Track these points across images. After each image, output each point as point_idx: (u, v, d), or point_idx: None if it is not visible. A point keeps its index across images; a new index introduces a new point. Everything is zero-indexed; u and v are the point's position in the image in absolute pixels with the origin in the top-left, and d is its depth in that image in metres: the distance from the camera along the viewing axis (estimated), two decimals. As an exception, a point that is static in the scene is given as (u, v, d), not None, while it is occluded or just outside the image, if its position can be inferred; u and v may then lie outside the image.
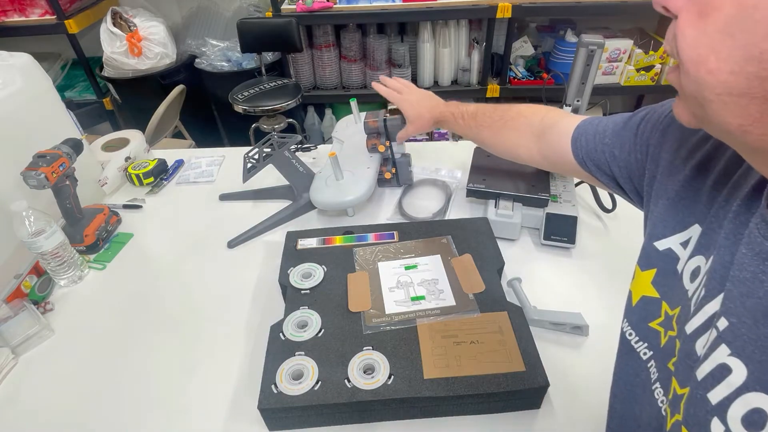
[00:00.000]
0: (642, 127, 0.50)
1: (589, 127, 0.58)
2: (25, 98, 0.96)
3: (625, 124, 0.53)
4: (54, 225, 0.88)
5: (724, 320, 0.33)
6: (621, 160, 0.52)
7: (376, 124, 1.03)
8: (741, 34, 0.27)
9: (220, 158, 1.31)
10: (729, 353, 0.32)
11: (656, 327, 0.42)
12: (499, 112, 0.76)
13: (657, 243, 0.43)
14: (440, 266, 0.82)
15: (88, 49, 2.50)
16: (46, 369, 0.79)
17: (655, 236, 0.43)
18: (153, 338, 0.83)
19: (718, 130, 0.32)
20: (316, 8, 2.25)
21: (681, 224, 0.42)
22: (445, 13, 2.28)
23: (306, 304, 0.76)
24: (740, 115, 0.29)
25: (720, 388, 0.32)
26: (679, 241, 0.42)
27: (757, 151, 0.31)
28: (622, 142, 0.52)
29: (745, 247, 0.33)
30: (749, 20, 0.26)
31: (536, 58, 2.59)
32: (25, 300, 0.86)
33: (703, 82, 0.29)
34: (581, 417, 0.67)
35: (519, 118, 0.73)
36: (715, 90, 0.29)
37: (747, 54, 0.27)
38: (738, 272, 0.33)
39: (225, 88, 2.33)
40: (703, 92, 0.30)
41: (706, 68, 0.29)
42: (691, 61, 0.30)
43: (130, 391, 0.74)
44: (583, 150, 0.57)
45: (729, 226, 0.36)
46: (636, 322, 0.45)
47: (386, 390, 0.63)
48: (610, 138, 0.54)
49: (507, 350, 0.67)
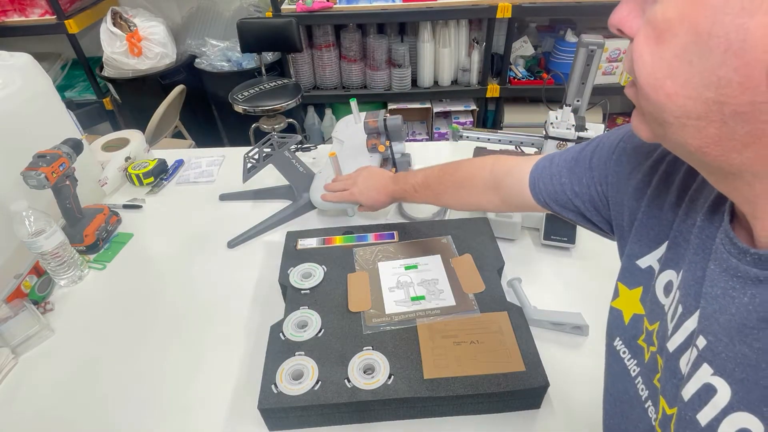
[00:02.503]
0: (596, 161, 0.51)
1: (543, 170, 0.58)
2: (25, 98, 0.96)
3: (576, 160, 0.54)
4: (54, 225, 0.88)
5: (702, 338, 0.33)
6: (582, 194, 0.53)
7: (376, 124, 1.03)
8: (698, 61, 0.27)
9: (220, 158, 1.31)
10: (712, 372, 0.31)
11: (641, 343, 0.43)
12: (448, 177, 0.76)
13: (638, 261, 0.44)
14: (440, 266, 0.82)
15: (88, 49, 2.50)
16: (46, 369, 0.79)
17: (635, 255, 0.44)
18: (153, 338, 0.83)
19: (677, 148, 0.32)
20: (316, 8, 2.25)
21: (654, 241, 0.43)
22: (445, 13, 2.28)
23: (306, 304, 0.76)
24: (698, 137, 0.29)
25: (707, 409, 0.31)
26: (656, 258, 0.43)
27: (715, 170, 0.31)
28: (579, 177, 0.53)
29: (713, 263, 0.34)
30: (705, 47, 0.26)
31: (536, 58, 2.59)
32: (25, 300, 0.86)
33: (661, 105, 0.29)
34: (581, 417, 0.67)
35: (470, 178, 0.73)
36: (674, 113, 0.29)
37: (704, 80, 0.27)
38: (710, 289, 0.33)
39: (225, 88, 2.33)
40: (661, 114, 0.30)
41: (663, 92, 0.29)
42: (648, 85, 0.30)
43: (130, 391, 0.74)
44: (543, 193, 0.58)
45: (696, 241, 0.36)
46: (628, 340, 0.45)
47: (386, 390, 0.63)
48: (567, 177, 0.54)
49: (507, 350, 0.67)
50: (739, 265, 0.31)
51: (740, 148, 0.28)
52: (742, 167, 0.29)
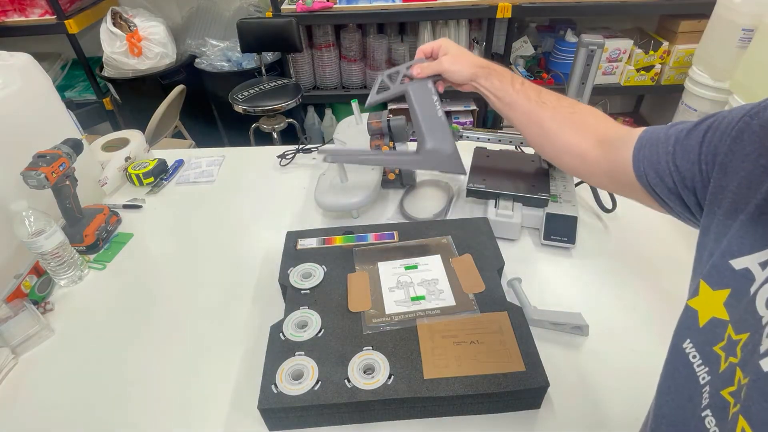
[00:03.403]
0: (709, 136, 0.45)
1: (651, 135, 0.52)
2: (25, 98, 0.96)
3: (689, 133, 0.47)
4: (54, 225, 0.88)
5: None
6: (684, 170, 0.47)
7: (379, 124, 1.03)
8: None
9: (220, 158, 1.31)
10: None
11: (718, 351, 0.39)
12: (566, 102, 0.65)
13: (733, 261, 0.39)
14: (440, 266, 0.82)
15: (88, 49, 2.50)
16: (46, 369, 0.79)
17: (731, 254, 0.39)
18: (153, 338, 0.83)
19: None
20: (316, 8, 2.25)
21: (762, 242, 0.37)
22: (445, 13, 2.28)
23: (306, 304, 0.76)
24: None
25: None
26: (758, 261, 0.37)
27: None
28: (686, 152, 0.47)
29: None
30: None
31: (536, 58, 2.59)
32: (25, 300, 0.86)
33: None
34: (581, 417, 0.67)
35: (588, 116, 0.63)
36: None
37: None
38: None
39: (225, 88, 2.34)
40: None
41: None
42: None
43: (130, 391, 0.74)
44: (645, 160, 0.51)
45: None
46: (701, 344, 0.41)
47: (386, 390, 0.63)
48: (673, 146, 0.48)
49: (507, 350, 0.67)
50: None
51: None
52: None
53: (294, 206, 1.11)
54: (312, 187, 1.10)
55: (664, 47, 2.34)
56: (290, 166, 1.25)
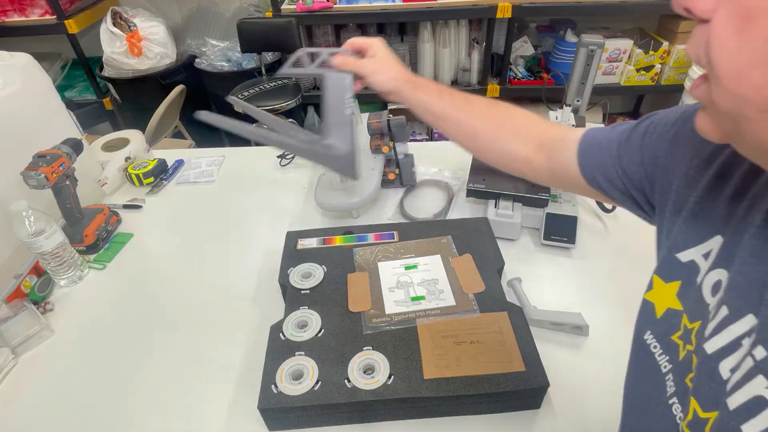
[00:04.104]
0: (647, 138, 0.47)
1: (593, 140, 0.53)
2: (25, 98, 0.96)
3: (629, 136, 0.49)
4: (54, 225, 0.88)
5: (762, 350, 0.30)
6: (631, 173, 0.48)
7: (379, 124, 1.03)
8: None
9: (220, 158, 1.31)
10: (767, 385, 0.30)
11: (676, 340, 0.41)
12: (498, 107, 0.63)
13: (679, 255, 0.41)
14: (440, 266, 0.82)
15: (88, 49, 2.50)
16: (46, 369, 0.79)
17: (677, 248, 0.41)
18: (153, 338, 0.83)
19: (751, 148, 0.29)
20: (316, 8, 2.25)
21: (701, 236, 0.40)
22: (445, 13, 2.28)
23: (306, 304, 0.76)
24: None
25: (756, 422, 0.30)
26: (701, 253, 0.40)
27: None
28: (629, 155, 0.48)
29: None
30: None
31: (536, 58, 2.59)
32: (25, 300, 0.86)
33: (744, 97, 0.26)
34: (581, 417, 0.67)
35: (523, 120, 0.62)
36: (759, 107, 0.26)
37: None
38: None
39: (225, 88, 2.33)
40: (742, 109, 0.27)
41: (749, 83, 0.26)
42: (730, 75, 0.27)
43: (130, 391, 0.74)
44: (592, 165, 0.52)
45: (753, 241, 0.34)
46: (660, 335, 0.42)
47: (386, 390, 0.63)
48: (617, 151, 0.50)
49: (507, 350, 0.67)
50: None
51: None
52: None
53: (294, 206, 1.11)
54: (312, 187, 1.10)
55: (664, 47, 2.34)
56: (290, 166, 1.25)
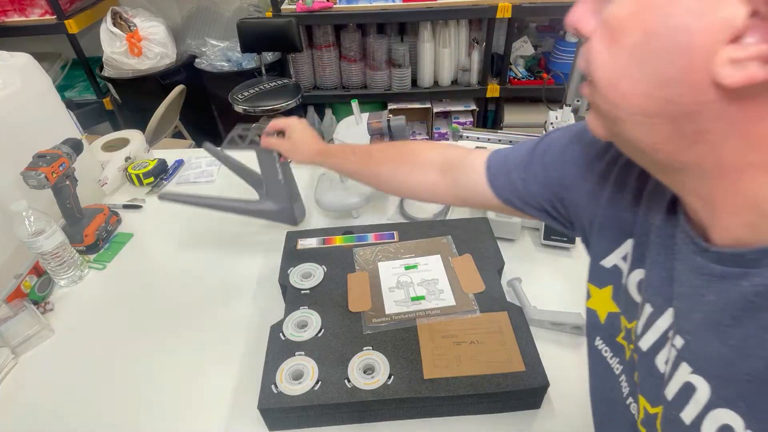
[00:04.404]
0: (548, 160, 0.50)
1: (500, 167, 0.55)
2: (25, 98, 0.96)
3: (531, 158, 0.52)
4: (54, 225, 0.88)
5: (679, 338, 0.33)
6: (541, 193, 0.51)
7: (379, 125, 1.03)
8: (649, 60, 0.27)
9: (220, 158, 1.31)
10: (691, 371, 0.32)
11: (621, 341, 0.43)
12: (396, 149, 0.70)
13: (603, 262, 0.44)
14: (440, 266, 0.82)
15: (88, 49, 2.50)
16: (46, 369, 0.79)
17: (599, 256, 0.45)
18: (153, 338, 0.83)
19: (630, 146, 0.33)
20: (316, 8, 2.25)
21: (615, 241, 0.43)
22: (445, 13, 2.28)
23: (306, 304, 0.76)
24: (651, 134, 0.30)
25: (690, 408, 0.32)
26: (619, 257, 0.43)
27: (667, 168, 0.32)
28: (534, 177, 0.51)
29: (679, 263, 0.34)
30: (654, 47, 0.27)
31: (536, 58, 2.59)
32: (25, 300, 0.86)
33: (616, 103, 0.30)
34: (581, 417, 0.67)
35: (418, 154, 0.67)
36: (628, 111, 0.30)
37: (655, 79, 0.28)
38: (679, 288, 0.34)
39: (225, 88, 2.33)
40: (616, 112, 0.31)
41: (618, 91, 0.30)
42: (604, 83, 0.30)
43: (130, 391, 0.74)
44: (505, 190, 0.54)
45: (657, 240, 0.37)
46: (607, 339, 0.45)
47: (386, 390, 0.63)
48: (524, 174, 0.52)
49: (507, 350, 0.67)
50: (704, 263, 0.32)
51: (690, 146, 0.29)
52: (692, 165, 0.30)
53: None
54: (312, 187, 1.10)
55: (664, 47, 2.34)
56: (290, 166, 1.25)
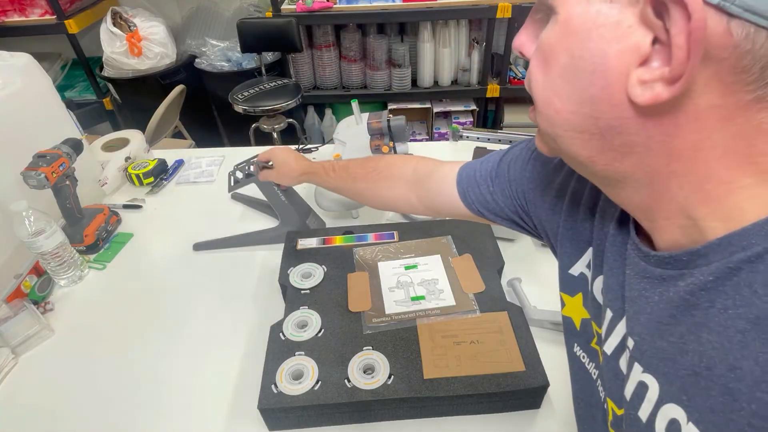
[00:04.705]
0: (512, 174, 0.54)
1: (470, 179, 0.59)
2: (25, 98, 0.96)
3: (497, 171, 0.56)
4: (54, 225, 0.88)
5: (630, 339, 0.35)
6: (509, 205, 0.55)
7: (379, 124, 1.03)
8: (574, 80, 0.30)
9: (220, 158, 1.31)
10: (642, 370, 0.33)
11: (595, 346, 0.44)
12: (371, 164, 0.74)
13: (570, 270, 0.46)
14: (440, 266, 0.82)
15: (88, 49, 2.50)
16: (46, 369, 0.79)
17: (567, 265, 0.47)
18: (153, 338, 0.83)
19: (571, 160, 0.36)
20: (316, 8, 2.25)
21: (577, 250, 0.45)
22: (445, 13, 2.28)
23: (306, 304, 0.76)
24: (585, 148, 0.32)
25: (644, 406, 0.33)
26: (584, 264, 0.45)
27: (607, 180, 0.34)
28: (501, 189, 0.55)
29: (628, 268, 0.36)
30: (578, 69, 0.30)
31: (536, 58, 2.59)
32: (25, 300, 0.86)
33: (551, 119, 0.33)
34: (581, 417, 0.67)
35: (391, 168, 0.71)
36: (562, 127, 0.33)
37: (580, 97, 0.30)
38: (629, 292, 0.36)
39: (225, 88, 2.33)
40: (553, 128, 0.33)
41: (553, 108, 0.32)
42: (541, 101, 0.33)
43: (130, 391, 0.74)
44: (475, 203, 0.58)
45: (612, 248, 0.39)
46: (583, 345, 0.47)
47: (386, 390, 0.63)
48: (491, 187, 0.56)
49: (507, 350, 0.67)
50: (647, 267, 0.34)
51: (620, 158, 0.31)
52: (628, 176, 0.32)
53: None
54: (312, 187, 1.10)
55: (664, 47, 2.34)
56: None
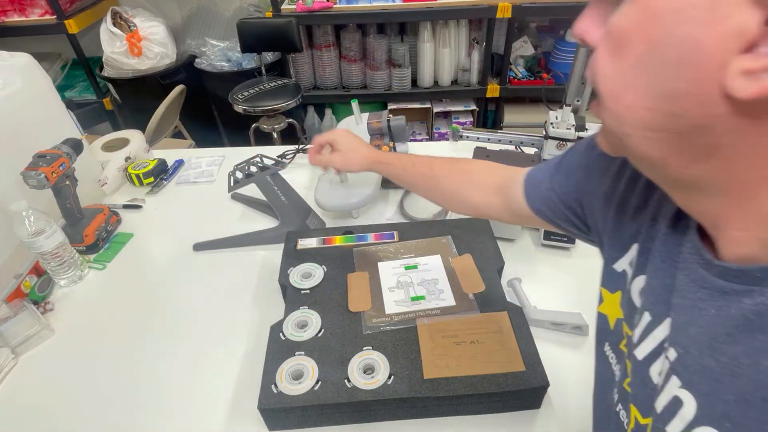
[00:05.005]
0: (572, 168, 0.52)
1: (534, 176, 0.58)
2: (25, 98, 0.96)
3: (557, 167, 0.54)
4: (54, 225, 0.88)
5: (673, 351, 0.32)
6: (566, 201, 0.53)
7: (379, 124, 1.03)
8: (654, 72, 0.26)
9: (220, 158, 1.31)
10: (680, 385, 0.31)
11: (623, 348, 0.42)
12: (460, 165, 0.71)
13: (615, 265, 0.44)
14: (440, 266, 0.82)
15: (88, 49, 2.50)
16: (46, 369, 0.79)
17: (611, 259, 0.44)
18: (153, 338, 0.83)
19: (639, 161, 0.32)
20: (316, 8, 2.25)
21: (624, 246, 0.43)
22: (445, 13, 2.28)
23: (306, 304, 0.76)
24: (659, 149, 0.29)
25: (675, 422, 0.31)
26: (627, 261, 0.43)
27: (676, 183, 0.31)
28: (560, 185, 0.53)
29: (682, 273, 0.33)
30: (660, 59, 0.26)
31: (536, 58, 2.59)
32: (25, 300, 0.86)
33: (621, 117, 0.29)
34: (581, 417, 0.67)
35: (478, 175, 0.69)
36: (634, 125, 0.29)
37: (661, 92, 0.26)
38: (679, 299, 0.33)
39: (225, 88, 2.33)
40: (622, 127, 0.30)
41: (624, 104, 0.29)
42: (609, 96, 0.30)
43: (130, 391, 0.74)
44: (536, 198, 0.57)
45: (661, 248, 0.36)
46: (613, 345, 0.45)
47: (386, 390, 0.63)
48: (551, 183, 0.55)
49: (507, 350, 0.67)
50: (707, 276, 0.31)
51: (700, 161, 0.28)
52: (704, 180, 0.29)
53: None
54: (312, 187, 1.10)
55: (664, 47, 2.34)
56: (290, 166, 1.25)
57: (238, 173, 1.00)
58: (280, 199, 0.99)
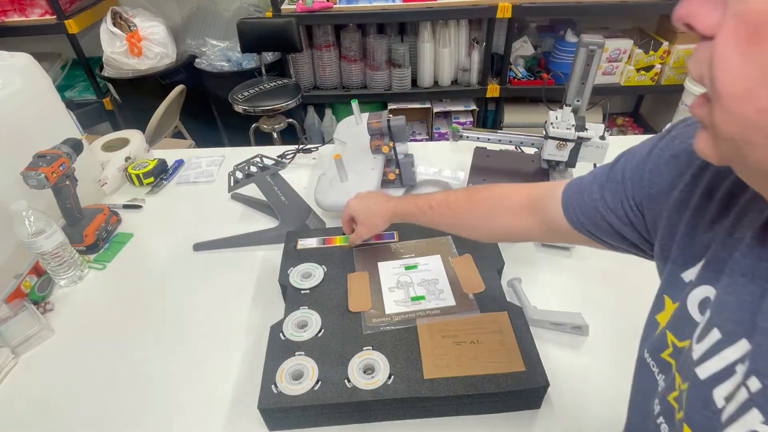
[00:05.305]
0: (628, 173, 0.48)
1: (574, 188, 0.54)
2: (25, 98, 0.96)
3: (609, 175, 0.50)
4: (54, 225, 0.88)
5: (756, 381, 0.28)
6: (617, 210, 0.48)
7: (379, 125, 1.03)
8: None
9: (220, 158, 1.31)
10: (762, 420, 0.27)
11: (668, 358, 0.39)
12: (479, 195, 0.67)
13: (683, 274, 0.40)
14: (440, 266, 0.82)
15: (88, 49, 2.50)
16: (46, 369, 0.79)
17: (680, 268, 0.40)
18: (153, 338, 0.83)
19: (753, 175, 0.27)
20: (316, 8, 2.25)
21: (697, 255, 0.39)
22: (445, 13, 2.28)
23: (306, 304, 0.76)
24: None
25: None
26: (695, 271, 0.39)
27: None
28: (612, 193, 0.49)
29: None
30: None
31: (536, 58, 2.59)
32: (25, 300, 0.86)
33: (749, 121, 0.24)
34: (581, 417, 0.67)
35: (503, 197, 0.65)
36: (765, 132, 0.24)
37: None
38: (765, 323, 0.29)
39: (225, 88, 2.33)
40: (747, 134, 0.25)
41: (755, 106, 0.24)
42: (734, 96, 0.24)
43: (130, 391, 0.74)
44: (577, 213, 0.53)
45: (744, 261, 0.32)
46: (654, 353, 0.42)
47: (386, 390, 0.63)
48: (598, 193, 0.50)
49: (507, 350, 0.67)
50: None
51: None
52: None
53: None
54: (312, 187, 1.10)
55: (664, 47, 2.34)
56: (290, 166, 1.25)
57: (238, 173, 1.00)
58: (280, 199, 1.00)
